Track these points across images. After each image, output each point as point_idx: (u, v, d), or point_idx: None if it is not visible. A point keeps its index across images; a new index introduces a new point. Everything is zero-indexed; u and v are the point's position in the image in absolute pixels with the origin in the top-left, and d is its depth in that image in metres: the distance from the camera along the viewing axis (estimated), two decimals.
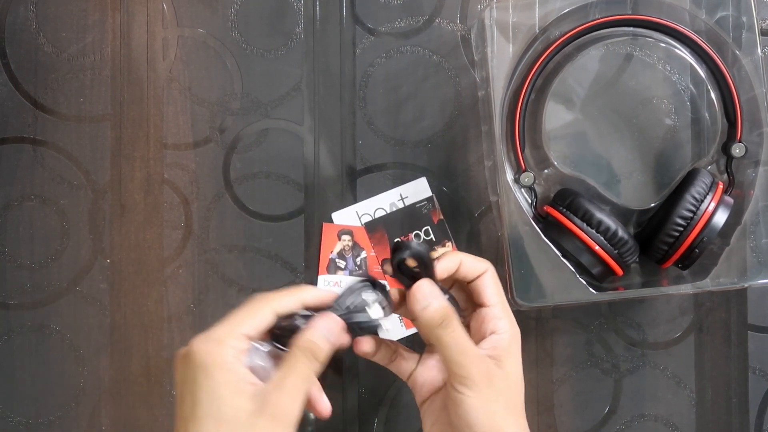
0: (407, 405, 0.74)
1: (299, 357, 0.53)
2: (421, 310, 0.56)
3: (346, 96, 0.74)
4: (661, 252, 0.68)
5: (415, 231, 0.74)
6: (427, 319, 0.56)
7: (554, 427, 0.74)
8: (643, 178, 0.71)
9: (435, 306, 0.56)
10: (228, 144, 0.74)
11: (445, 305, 0.56)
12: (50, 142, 0.73)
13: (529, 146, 0.71)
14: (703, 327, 0.75)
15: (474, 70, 0.74)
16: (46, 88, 0.74)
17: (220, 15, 0.74)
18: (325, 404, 0.57)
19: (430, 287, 0.56)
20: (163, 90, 0.74)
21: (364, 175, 0.74)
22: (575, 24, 0.69)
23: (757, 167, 0.68)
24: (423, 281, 0.56)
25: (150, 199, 0.74)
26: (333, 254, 0.74)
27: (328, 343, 0.54)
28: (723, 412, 0.75)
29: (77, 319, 0.73)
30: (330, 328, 0.55)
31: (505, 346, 0.57)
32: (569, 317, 0.74)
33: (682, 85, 0.71)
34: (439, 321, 0.56)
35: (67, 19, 0.74)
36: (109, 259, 0.73)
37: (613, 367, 0.74)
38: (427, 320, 0.56)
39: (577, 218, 0.67)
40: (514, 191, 0.69)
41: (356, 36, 0.74)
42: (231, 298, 0.73)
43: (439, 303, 0.56)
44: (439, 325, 0.56)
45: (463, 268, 0.59)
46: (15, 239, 0.73)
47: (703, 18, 0.69)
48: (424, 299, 0.56)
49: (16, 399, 0.73)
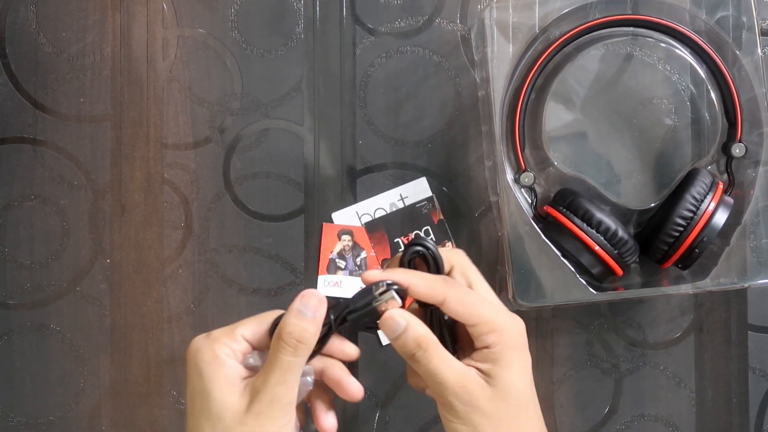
0: (407, 405, 0.74)
1: (278, 347, 0.52)
2: (394, 340, 0.53)
3: (346, 96, 0.74)
4: (661, 252, 0.68)
5: (415, 231, 0.74)
6: (399, 349, 0.53)
7: (554, 427, 0.74)
8: (643, 178, 0.71)
9: (405, 336, 0.52)
10: (228, 144, 0.74)
11: (415, 335, 0.52)
12: (50, 142, 0.73)
13: (529, 146, 0.71)
14: (703, 327, 0.75)
15: (474, 70, 0.74)
16: (46, 88, 0.74)
17: (220, 15, 0.74)
18: (354, 386, 0.55)
19: (402, 315, 0.52)
20: (163, 90, 0.74)
21: (364, 175, 0.74)
22: (575, 24, 0.69)
23: (757, 167, 0.68)
24: (394, 310, 0.53)
25: (150, 199, 0.74)
26: (333, 254, 0.74)
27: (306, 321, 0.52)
28: (723, 412, 0.75)
29: (77, 319, 0.73)
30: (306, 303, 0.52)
31: (494, 358, 0.53)
32: (569, 317, 0.74)
33: (682, 85, 0.71)
34: (411, 351, 0.52)
35: (67, 19, 0.74)
36: (109, 259, 0.73)
37: (613, 367, 0.74)
38: (400, 350, 0.53)
39: (577, 218, 0.67)
40: (514, 191, 0.69)
41: (356, 36, 0.74)
42: (231, 298, 0.73)
43: (409, 333, 0.52)
44: (413, 356, 0.52)
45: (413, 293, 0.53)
46: (15, 239, 0.73)
47: (703, 18, 0.69)
48: (392, 330, 0.53)
49: (16, 399, 0.73)
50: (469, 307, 0.53)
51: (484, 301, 0.54)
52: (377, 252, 0.74)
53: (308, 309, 0.52)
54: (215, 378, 0.52)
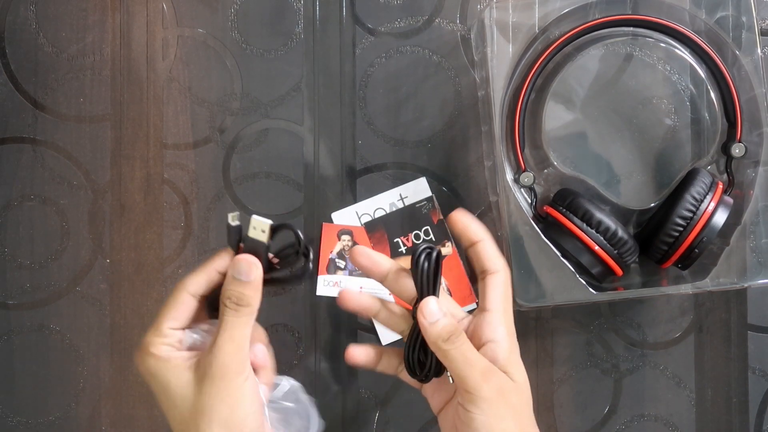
0: (407, 405, 0.74)
1: (222, 311, 0.55)
2: (429, 325, 0.57)
3: (346, 96, 0.74)
4: (661, 252, 0.68)
5: (415, 231, 0.74)
6: (434, 334, 0.56)
7: (554, 427, 0.74)
8: (643, 178, 0.71)
9: (443, 322, 0.56)
10: (228, 144, 0.74)
11: (453, 322, 0.57)
12: (50, 142, 0.73)
13: (529, 146, 0.71)
14: (703, 327, 0.75)
15: (474, 70, 0.74)
16: (46, 88, 0.74)
17: (220, 15, 0.74)
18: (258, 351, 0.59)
19: (438, 304, 0.57)
20: (163, 90, 0.74)
21: (363, 175, 0.74)
22: (575, 24, 0.69)
23: (756, 167, 0.68)
24: (431, 298, 0.57)
25: (150, 199, 0.74)
26: (333, 254, 0.74)
27: (241, 285, 0.55)
28: (723, 412, 0.75)
29: (77, 319, 0.73)
30: (238, 270, 0.55)
31: (506, 355, 0.57)
32: (569, 317, 0.74)
33: (682, 85, 0.71)
34: (446, 336, 0.56)
35: (67, 19, 0.74)
36: (109, 259, 0.73)
37: (613, 367, 0.74)
38: (435, 335, 0.56)
39: (577, 218, 0.67)
40: (514, 191, 0.69)
41: (356, 36, 0.74)
42: None
43: (447, 320, 0.57)
44: (446, 340, 0.56)
45: (479, 251, 0.60)
46: (15, 239, 0.73)
47: (703, 18, 0.69)
48: (431, 315, 0.56)
49: (16, 399, 0.73)
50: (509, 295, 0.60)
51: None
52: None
53: (241, 274, 0.55)
54: (166, 371, 0.55)
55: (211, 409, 0.53)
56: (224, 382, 0.53)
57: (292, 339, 0.73)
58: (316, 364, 0.73)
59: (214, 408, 0.53)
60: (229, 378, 0.54)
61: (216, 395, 0.53)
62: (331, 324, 0.74)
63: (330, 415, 0.73)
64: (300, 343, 0.73)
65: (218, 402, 0.53)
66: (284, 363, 0.73)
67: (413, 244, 0.74)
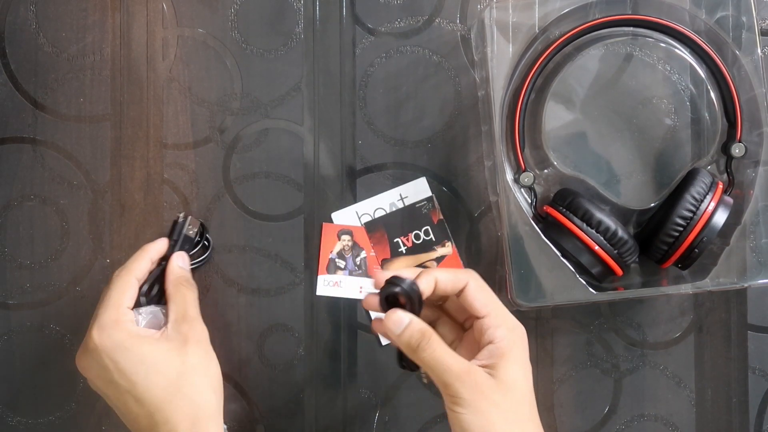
0: (407, 405, 0.74)
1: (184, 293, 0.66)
2: (397, 337, 0.57)
3: (346, 96, 0.74)
4: (661, 252, 0.68)
5: (415, 231, 0.74)
6: (404, 343, 0.57)
7: (554, 427, 0.74)
8: (643, 178, 0.71)
9: (410, 330, 0.57)
10: (228, 144, 0.74)
11: (420, 327, 0.57)
12: (50, 142, 0.73)
13: (529, 146, 0.71)
14: (703, 327, 0.75)
15: (474, 70, 0.74)
16: (46, 88, 0.74)
17: (220, 15, 0.74)
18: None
19: (402, 312, 0.57)
20: (163, 90, 0.74)
21: (363, 175, 0.74)
22: (575, 24, 0.69)
23: (756, 167, 0.68)
24: (395, 310, 0.57)
25: (150, 199, 0.74)
26: (333, 254, 0.74)
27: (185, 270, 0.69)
28: (723, 412, 0.75)
29: (77, 319, 0.73)
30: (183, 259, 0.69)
31: (500, 353, 0.57)
32: (569, 317, 0.74)
33: (682, 85, 0.71)
34: (416, 343, 0.56)
35: (67, 19, 0.74)
36: (109, 259, 0.73)
37: (613, 367, 0.74)
38: (405, 344, 0.57)
39: (577, 218, 0.67)
40: (514, 191, 0.69)
41: (356, 36, 0.74)
42: (231, 297, 0.73)
43: (413, 326, 0.57)
44: (417, 347, 0.56)
45: (440, 285, 0.59)
46: (15, 239, 0.73)
47: (703, 18, 0.69)
48: (396, 326, 0.57)
49: (16, 399, 0.73)
50: (487, 296, 0.59)
51: (497, 299, 0.60)
52: (377, 252, 0.74)
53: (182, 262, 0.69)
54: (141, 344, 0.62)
55: (200, 366, 0.62)
56: (204, 344, 0.64)
57: (292, 339, 0.73)
58: (316, 364, 0.73)
59: (202, 365, 0.63)
60: (206, 341, 0.64)
61: (204, 355, 0.63)
62: (331, 324, 0.74)
63: (330, 415, 0.73)
64: (300, 343, 0.73)
65: (207, 360, 0.63)
66: (284, 363, 0.73)
67: (413, 245, 0.74)
